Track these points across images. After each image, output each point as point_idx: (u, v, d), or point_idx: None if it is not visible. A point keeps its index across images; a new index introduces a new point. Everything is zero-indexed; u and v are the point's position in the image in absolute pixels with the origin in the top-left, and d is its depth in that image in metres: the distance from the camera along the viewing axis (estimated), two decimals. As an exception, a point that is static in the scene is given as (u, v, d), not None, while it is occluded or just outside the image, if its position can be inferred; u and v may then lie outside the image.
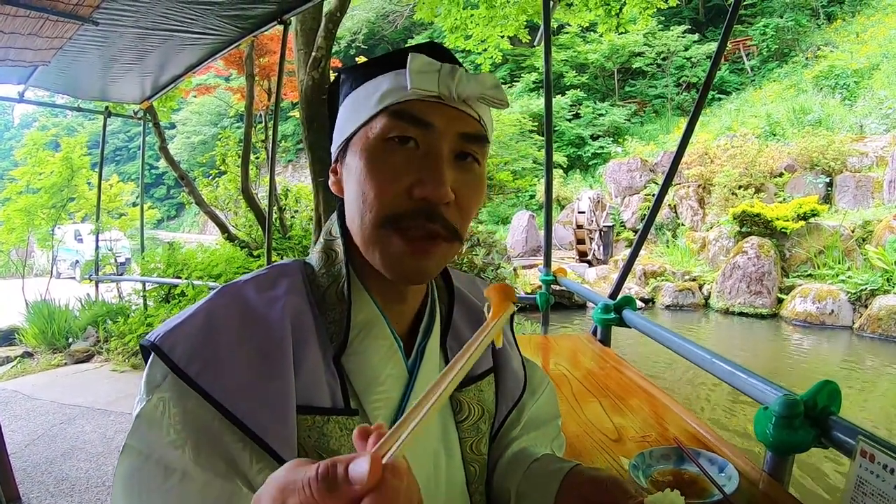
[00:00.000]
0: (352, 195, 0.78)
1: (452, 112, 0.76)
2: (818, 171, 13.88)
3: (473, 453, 0.90)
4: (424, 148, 0.75)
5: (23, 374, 6.57)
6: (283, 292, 0.78)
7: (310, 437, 0.73)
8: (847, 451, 1.20)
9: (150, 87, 7.21)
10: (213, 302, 0.75)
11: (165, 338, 0.70)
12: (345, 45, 29.34)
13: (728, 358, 1.82)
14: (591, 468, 0.86)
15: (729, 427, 6.05)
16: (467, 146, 0.77)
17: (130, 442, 0.67)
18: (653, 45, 23.91)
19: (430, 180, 0.72)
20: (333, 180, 0.85)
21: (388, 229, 0.74)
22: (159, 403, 0.68)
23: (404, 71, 0.74)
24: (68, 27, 4.25)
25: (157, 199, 37.90)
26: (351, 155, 0.79)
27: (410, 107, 0.74)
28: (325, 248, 0.85)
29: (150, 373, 0.71)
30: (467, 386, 0.92)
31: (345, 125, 0.81)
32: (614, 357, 2.51)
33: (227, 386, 0.68)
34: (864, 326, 9.90)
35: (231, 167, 10.49)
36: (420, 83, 0.73)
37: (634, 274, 13.42)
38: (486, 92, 0.76)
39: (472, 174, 0.79)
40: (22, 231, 9.55)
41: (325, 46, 6.14)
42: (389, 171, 0.74)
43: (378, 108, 0.75)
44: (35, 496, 3.61)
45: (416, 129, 0.74)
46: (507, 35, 10.14)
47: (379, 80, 0.78)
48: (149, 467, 0.65)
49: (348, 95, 0.82)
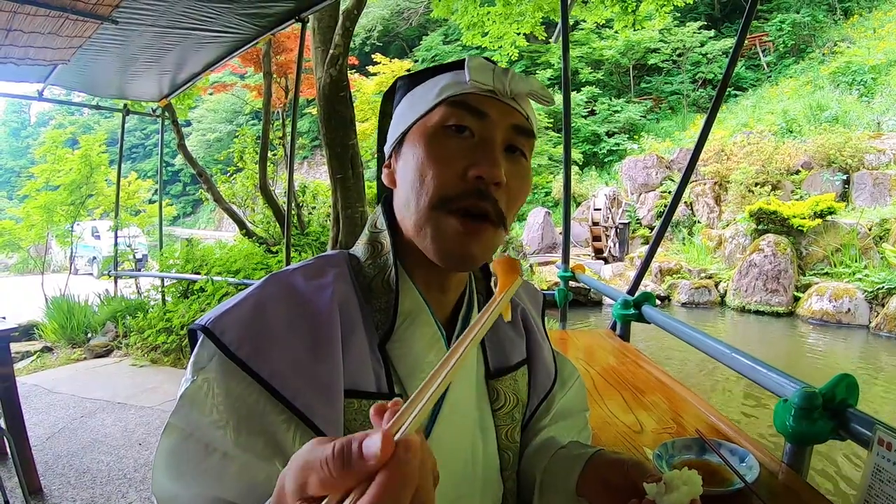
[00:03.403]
0: (407, 182, 0.81)
1: (505, 106, 0.81)
2: (835, 169, 13.72)
3: (508, 440, 0.93)
4: (479, 136, 0.80)
5: (43, 368, 6.65)
6: (330, 280, 0.81)
7: (355, 420, 0.75)
8: (864, 442, 1.21)
9: (168, 85, 7.26)
10: (262, 289, 0.77)
11: (216, 322, 0.72)
12: (360, 42, 29.34)
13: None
14: (613, 452, 0.88)
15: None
16: (517, 139, 0.83)
17: (173, 421, 0.69)
18: (668, 42, 23.80)
19: (484, 161, 0.77)
20: (386, 173, 0.89)
21: (442, 211, 0.78)
22: (203, 384, 0.70)
23: (462, 71, 0.81)
24: (88, 26, 4.29)
25: (174, 196, 38.10)
26: (408, 146, 0.83)
27: (467, 98, 0.80)
28: (370, 240, 0.88)
29: (197, 354, 0.73)
30: (503, 375, 0.95)
31: (402, 120, 0.86)
32: (634, 352, 2.51)
33: (277, 368, 0.70)
34: (880, 325, 9.80)
35: (248, 164, 10.54)
36: (478, 77, 0.79)
37: (650, 271, 13.34)
38: (535, 89, 0.83)
39: (521, 166, 0.84)
40: (41, 228, 9.67)
41: (343, 44, 6.16)
42: (447, 155, 0.79)
43: (437, 100, 0.81)
44: (56, 488, 3.65)
45: (472, 118, 0.80)
46: (523, 32, 10.13)
47: (438, 78, 0.84)
48: (190, 445, 0.68)
49: (406, 96, 0.87)
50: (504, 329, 0.98)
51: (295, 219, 9.59)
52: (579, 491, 0.85)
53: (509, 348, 0.97)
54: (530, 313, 1.04)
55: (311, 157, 32.34)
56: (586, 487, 0.84)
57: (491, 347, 0.95)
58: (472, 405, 0.90)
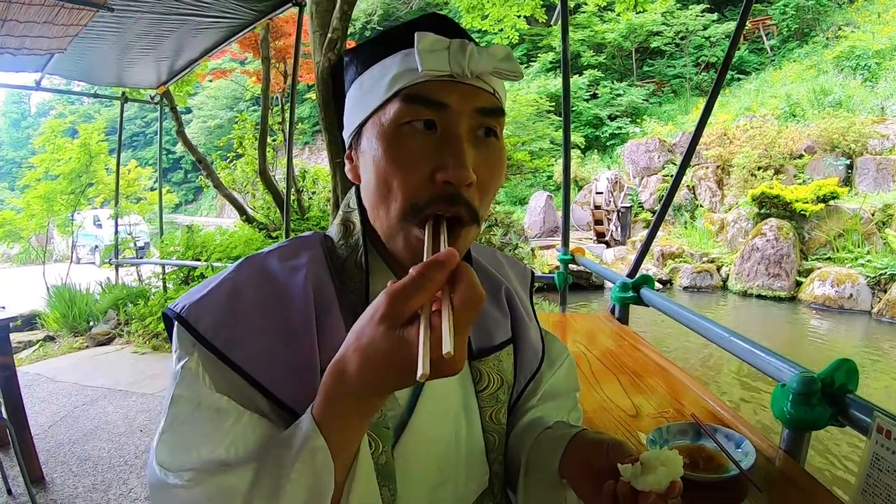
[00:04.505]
0: (371, 183, 0.76)
1: (466, 88, 0.73)
2: (838, 153, 13.67)
3: (493, 422, 0.91)
4: (442, 129, 0.73)
5: (45, 357, 6.67)
6: (304, 262, 0.79)
7: None
8: (863, 428, 1.20)
9: (166, 71, 7.24)
10: (236, 273, 0.76)
11: (191, 309, 0.71)
12: (360, 26, 29.19)
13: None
14: (595, 432, 0.86)
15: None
16: (485, 120, 0.75)
17: (179, 392, 0.69)
18: (671, 25, 23.58)
19: (451, 163, 0.71)
20: (349, 167, 0.84)
21: (413, 221, 0.73)
22: (198, 366, 0.70)
23: (413, 51, 0.72)
24: (83, 14, 4.27)
25: (175, 184, 38.04)
26: (366, 141, 0.77)
27: (423, 89, 0.72)
28: (343, 220, 0.86)
29: (178, 341, 0.72)
30: (487, 356, 0.92)
31: (355, 111, 0.79)
32: (632, 335, 2.51)
33: (253, 355, 0.70)
34: (882, 311, 9.79)
35: (248, 150, 10.51)
36: (431, 64, 0.71)
37: (652, 255, 13.36)
38: (499, 65, 0.74)
39: (492, 150, 0.77)
40: (42, 217, 9.65)
41: (341, 28, 6.09)
42: (410, 159, 0.72)
43: (389, 92, 0.73)
44: (58, 476, 3.67)
45: (430, 111, 0.72)
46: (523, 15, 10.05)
47: (387, 62, 0.76)
48: (202, 412, 0.67)
49: (355, 80, 0.80)
50: (488, 309, 0.95)
51: (295, 204, 9.59)
52: (562, 473, 0.83)
53: (493, 328, 0.95)
54: (516, 292, 1.02)
55: (312, 143, 32.22)
56: (568, 469, 0.83)
57: (474, 327, 0.92)
58: (455, 387, 0.88)
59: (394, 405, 0.80)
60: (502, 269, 1.05)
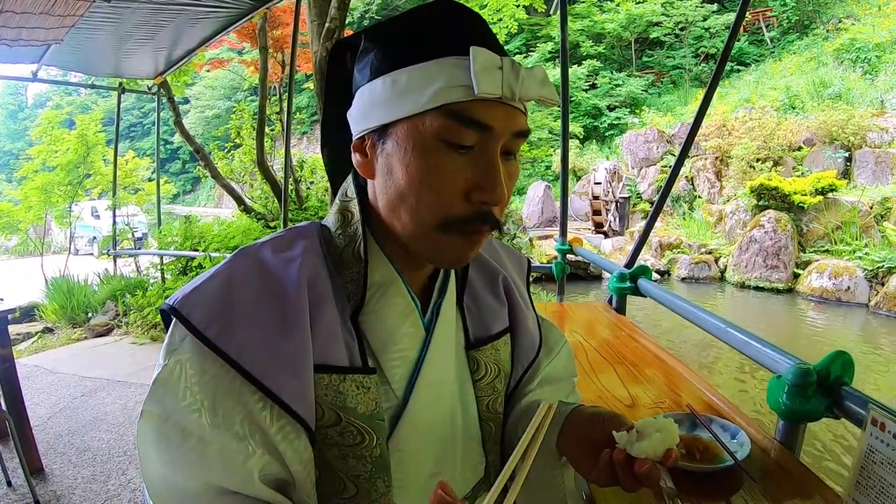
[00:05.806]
0: (396, 188, 0.74)
1: (510, 111, 0.72)
2: (837, 146, 13.67)
3: (490, 412, 0.92)
4: (480, 149, 0.72)
5: (44, 349, 6.66)
6: (299, 253, 0.78)
7: (326, 396, 0.74)
8: (858, 420, 1.20)
9: (163, 61, 7.21)
10: (230, 264, 0.76)
11: (184, 302, 0.71)
12: (358, 15, 29.02)
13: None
14: (592, 406, 0.87)
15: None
16: (517, 142, 0.76)
17: (148, 407, 0.69)
18: (671, 15, 23.51)
19: (488, 186, 0.71)
20: (361, 161, 0.79)
21: (444, 232, 0.74)
22: (176, 367, 0.69)
23: (461, 62, 0.69)
24: (80, 4, 4.23)
25: (173, 174, 37.93)
26: (393, 143, 0.73)
27: (471, 109, 0.70)
28: (340, 209, 0.84)
29: (171, 336, 0.72)
30: (484, 345, 0.93)
31: (383, 107, 0.73)
32: (629, 325, 2.52)
33: (245, 347, 0.69)
34: (880, 304, 9.82)
35: (246, 140, 10.46)
36: (487, 87, 0.68)
37: (650, 245, 13.39)
38: (542, 91, 0.74)
39: (513, 167, 0.78)
40: (39, 209, 9.62)
41: (339, 17, 6.07)
42: (447, 174, 0.72)
43: (433, 104, 0.69)
44: (58, 467, 3.67)
45: (475, 132, 0.71)
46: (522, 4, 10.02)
47: (429, 68, 0.71)
48: (167, 430, 0.68)
49: (384, 75, 0.73)
50: (485, 298, 0.96)
51: (293, 194, 9.57)
52: (560, 449, 0.84)
53: (490, 317, 0.95)
54: (513, 281, 1.02)
55: (310, 133, 32.14)
56: (566, 445, 0.83)
57: (471, 317, 0.93)
58: (451, 376, 0.87)
59: (390, 397, 0.80)
60: (499, 257, 1.05)
